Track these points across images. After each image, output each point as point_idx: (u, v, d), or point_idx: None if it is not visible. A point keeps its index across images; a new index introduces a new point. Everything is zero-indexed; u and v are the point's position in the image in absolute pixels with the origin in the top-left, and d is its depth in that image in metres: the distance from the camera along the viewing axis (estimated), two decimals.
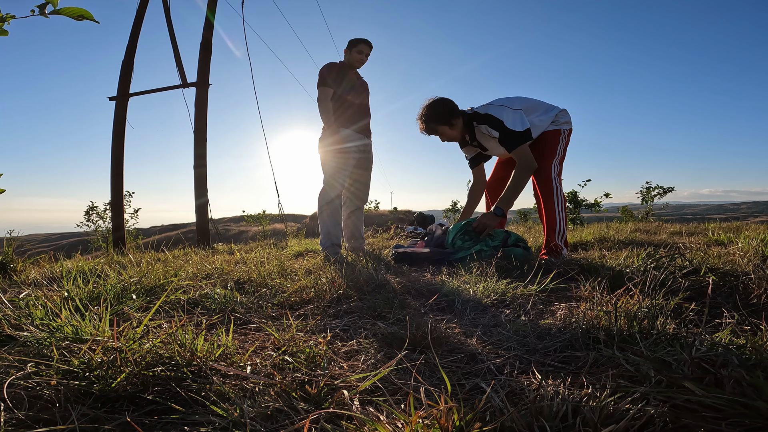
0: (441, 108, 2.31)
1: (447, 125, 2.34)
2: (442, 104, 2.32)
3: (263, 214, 10.07)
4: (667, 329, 0.93)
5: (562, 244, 2.26)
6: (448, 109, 2.32)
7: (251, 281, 1.69)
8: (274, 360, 0.84)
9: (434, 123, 2.33)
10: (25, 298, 1.16)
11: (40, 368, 0.75)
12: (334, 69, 2.80)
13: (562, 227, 2.27)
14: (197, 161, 5.09)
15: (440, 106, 2.32)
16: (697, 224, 4.19)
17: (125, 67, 5.49)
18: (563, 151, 2.33)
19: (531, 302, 1.35)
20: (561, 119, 2.34)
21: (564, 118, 2.35)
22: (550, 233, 2.28)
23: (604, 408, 0.58)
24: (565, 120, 2.35)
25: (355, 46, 2.86)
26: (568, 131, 2.36)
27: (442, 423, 0.55)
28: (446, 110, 2.31)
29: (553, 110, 2.33)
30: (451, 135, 2.39)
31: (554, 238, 2.27)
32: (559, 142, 2.30)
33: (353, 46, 2.87)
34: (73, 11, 0.96)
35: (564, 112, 2.35)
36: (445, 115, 2.31)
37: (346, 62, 2.90)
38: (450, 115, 2.32)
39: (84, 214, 9.15)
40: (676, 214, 53.51)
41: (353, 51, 2.87)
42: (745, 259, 1.73)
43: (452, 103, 2.35)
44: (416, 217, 4.55)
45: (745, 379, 0.58)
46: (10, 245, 2.29)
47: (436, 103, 2.33)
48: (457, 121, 2.34)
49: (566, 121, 2.35)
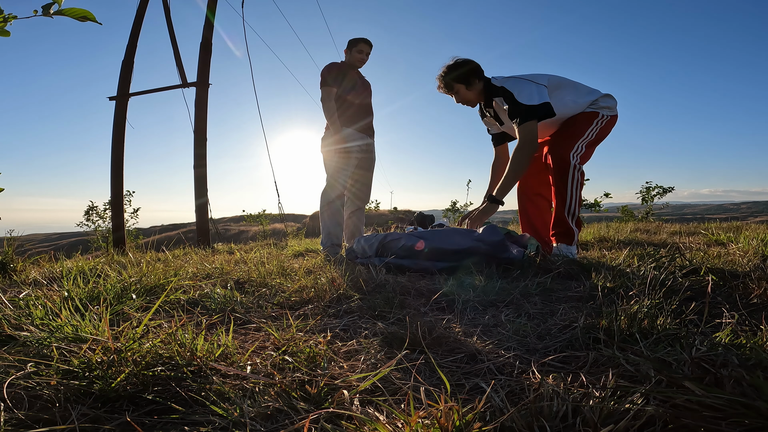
0: (462, 66, 2.24)
1: (464, 84, 2.24)
2: (465, 63, 2.24)
3: (263, 213, 10.06)
4: (667, 329, 0.93)
5: (573, 226, 2.10)
6: (469, 68, 2.23)
7: (251, 281, 1.69)
8: (274, 360, 0.84)
9: (451, 79, 2.25)
10: (25, 298, 1.16)
11: (40, 368, 0.75)
12: (334, 69, 2.81)
13: (574, 207, 2.10)
14: (197, 161, 5.09)
15: (462, 65, 2.24)
16: (697, 224, 4.19)
17: (125, 67, 5.49)
18: (596, 135, 2.17)
19: (531, 302, 1.35)
20: (602, 103, 2.20)
21: (606, 102, 2.20)
22: (560, 209, 2.11)
23: (604, 408, 0.58)
24: (608, 105, 2.20)
25: (355, 46, 2.87)
26: (610, 117, 2.20)
27: (442, 423, 0.55)
28: (467, 69, 2.23)
29: (595, 93, 2.20)
30: (466, 96, 2.29)
31: (564, 215, 2.10)
32: (593, 125, 2.15)
33: (353, 46, 2.87)
34: (76, 12, 0.96)
35: (607, 98, 2.21)
36: (465, 74, 2.23)
37: (346, 62, 2.90)
38: (469, 75, 2.23)
39: (84, 214, 9.16)
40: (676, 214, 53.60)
41: (353, 51, 2.87)
42: (745, 259, 1.73)
43: (476, 64, 2.25)
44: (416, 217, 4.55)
45: (745, 379, 0.58)
46: (10, 245, 2.28)
47: (459, 61, 2.25)
48: (476, 84, 2.25)
49: (608, 107, 2.20)
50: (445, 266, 1.89)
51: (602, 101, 2.21)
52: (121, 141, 5.45)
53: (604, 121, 2.18)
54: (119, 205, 5.57)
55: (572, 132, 2.16)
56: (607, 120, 2.19)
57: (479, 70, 2.24)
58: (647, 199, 6.97)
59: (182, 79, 5.47)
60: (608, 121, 2.20)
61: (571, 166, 2.09)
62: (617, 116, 2.24)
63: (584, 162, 2.20)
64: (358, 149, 2.87)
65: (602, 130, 2.20)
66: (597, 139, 2.20)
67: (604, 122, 2.18)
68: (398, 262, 1.98)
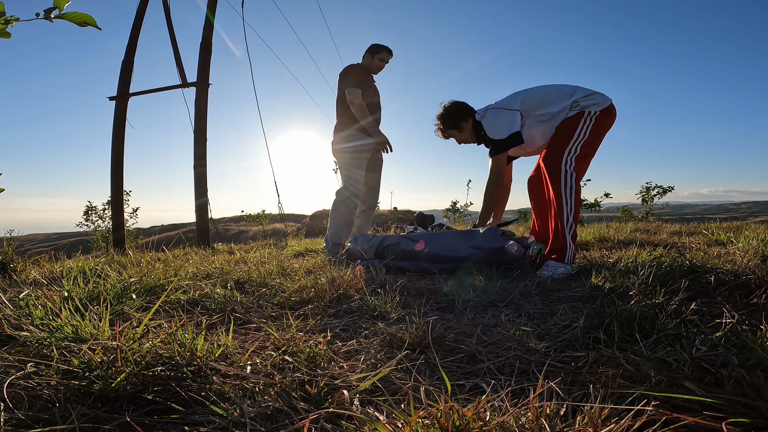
0: (449, 112, 2.34)
1: (456, 129, 2.35)
2: (450, 108, 2.34)
3: (263, 213, 10.05)
4: (667, 329, 0.93)
5: (569, 239, 2.02)
6: (454, 112, 2.32)
7: (251, 281, 1.68)
8: (274, 360, 0.84)
9: (444, 128, 2.37)
10: (25, 298, 1.16)
11: (40, 368, 0.75)
12: (361, 72, 2.80)
13: (571, 215, 2.03)
14: (197, 161, 5.09)
15: (448, 111, 2.34)
16: (697, 224, 4.19)
17: (125, 67, 5.48)
18: (590, 133, 2.13)
19: (531, 302, 1.35)
20: (585, 102, 2.15)
21: (589, 100, 2.15)
22: (557, 220, 2.07)
23: (604, 408, 0.58)
24: (593, 102, 2.15)
25: (378, 53, 2.85)
26: (599, 112, 2.14)
27: (441, 423, 0.55)
28: (453, 114, 2.33)
29: (574, 95, 2.17)
30: (462, 138, 2.40)
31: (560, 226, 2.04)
32: (580, 124, 2.13)
33: (376, 53, 2.86)
34: (77, 17, 0.96)
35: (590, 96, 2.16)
36: (452, 120, 2.33)
37: (364, 66, 2.88)
38: (456, 119, 2.32)
39: (83, 214, 9.15)
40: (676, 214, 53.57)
41: (375, 57, 2.86)
42: (745, 259, 1.73)
43: (461, 106, 2.33)
44: (416, 217, 4.55)
45: (745, 379, 0.58)
46: (10, 245, 2.28)
47: (447, 107, 2.36)
48: (466, 124, 2.34)
49: (594, 103, 2.15)
50: (445, 267, 1.89)
51: (584, 100, 2.17)
52: (121, 141, 5.45)
53: (592, 118, 2.14)
54: (119, 205, 5.57)
55: (560, 138, 2.17)
56: (596, 115, 2.15)
57: (464, 110, 2.33)
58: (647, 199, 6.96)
59: (182, 79, 5.47)
60: (599, 116, 2.15)
61: (563, 171, 2.09)
62: (612, 107, 2.18)
63: (584, 164, 2.18)
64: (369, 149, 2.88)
65: (595, 126, 2.15)
66: (593, 137, 2.16)
67: (593, 119, 2.14)
68: (398, 264, 1.99)
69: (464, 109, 2.34)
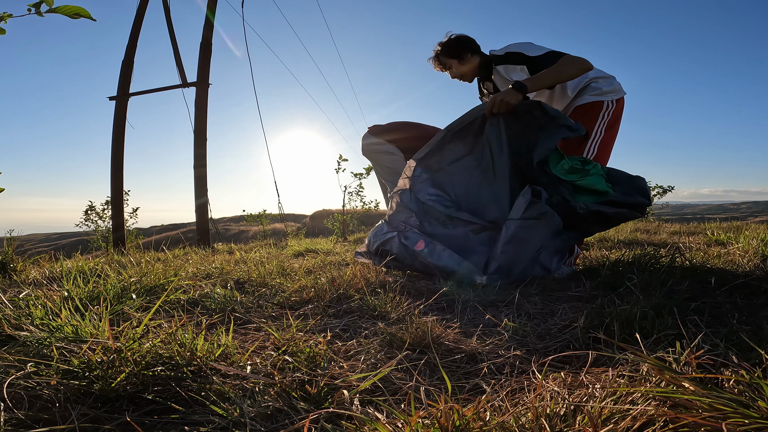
0: (454, 42, 2.18)
1: (457, 59, 2.17)
2: (457, 38, 2.18)
3: (263, 213, 10.04)
4: (668, 329, 0.93)
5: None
6: (461, 42, 2.16)
7: (251, 281, 1.68)
8: (274, 360, 0.84)
9: (444, 56, 2.19)
10: (25, 298, 1.16)
11: (40, 368, 0.75)
12: None
13: None
14: (197, 161, 5.09)
15: (454, 40, 2.18)
16: (697, 224, 4.19)
17: (125, 67, 5.49)
18: (604, 130, 1.88)
19: (531, 302, 1.35)
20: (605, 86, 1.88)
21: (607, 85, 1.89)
22: None
23: (604, 408, 0.58)
24: (611, 88, 1.88)
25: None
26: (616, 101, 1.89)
27: (442, 423, 0.55)
28: (459, 44, 2.16)
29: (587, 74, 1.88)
30: (460, 71, 2.20)
31: None
32: (600, 119, 1.86)
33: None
34: (69, 9, 0.95)
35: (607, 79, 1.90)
36: (457, 49, 2.15)
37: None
38: (462, 49, 2.15)
39: (83, 214, 9.14)
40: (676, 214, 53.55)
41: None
42: (745, 259, 1.73)
43: (469, 39, 2.16)
44: None
45: (745, 379, 0.58)
46: (10, 245, 2.28)
47: (452, 37, 2.19)
48: (470, 58, 2.16)
49: (612, 90, 1.88)
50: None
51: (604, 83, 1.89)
52: (121, 140, 5.46)
53: (610, 113, 1.89)
54: (119, 204, 5.57)
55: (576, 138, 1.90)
56: (614, 109, 1.89)
57: (473, 44, 2.16)
58: None
59: (182, 79, 5.47)
60: (615, 110, 1.90)
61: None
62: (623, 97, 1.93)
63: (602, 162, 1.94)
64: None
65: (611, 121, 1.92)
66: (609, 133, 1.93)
67: (610, 113, 1.89)
68: (398, 265, 1.98)
69: (474, 44, 2.17)
